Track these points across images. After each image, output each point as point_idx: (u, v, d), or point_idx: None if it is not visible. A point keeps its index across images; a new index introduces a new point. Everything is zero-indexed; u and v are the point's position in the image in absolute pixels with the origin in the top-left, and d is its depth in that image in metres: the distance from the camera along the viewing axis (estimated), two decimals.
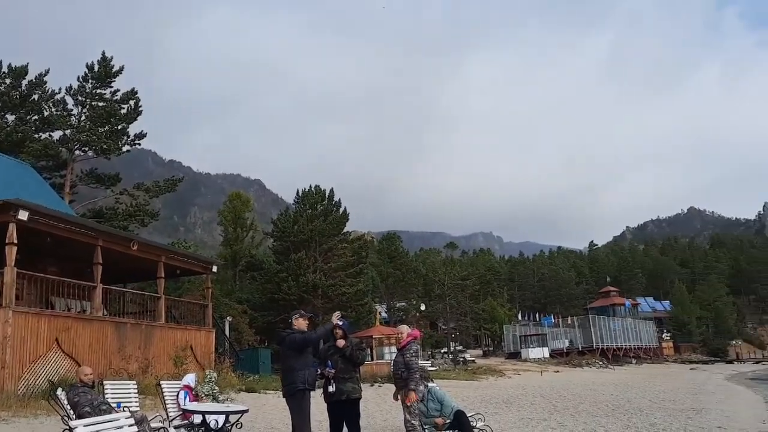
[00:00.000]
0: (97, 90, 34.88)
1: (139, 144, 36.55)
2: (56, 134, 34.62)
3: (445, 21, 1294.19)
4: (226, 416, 8.15)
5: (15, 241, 14.33)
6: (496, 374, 33.43)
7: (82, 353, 15.55)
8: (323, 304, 34.41)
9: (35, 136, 33.55)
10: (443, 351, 49.41)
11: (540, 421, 13.14)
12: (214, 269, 23.52)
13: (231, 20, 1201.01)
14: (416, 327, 30.85)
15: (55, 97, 34.89)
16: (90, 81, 34.74)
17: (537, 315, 74.91)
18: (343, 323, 7.97)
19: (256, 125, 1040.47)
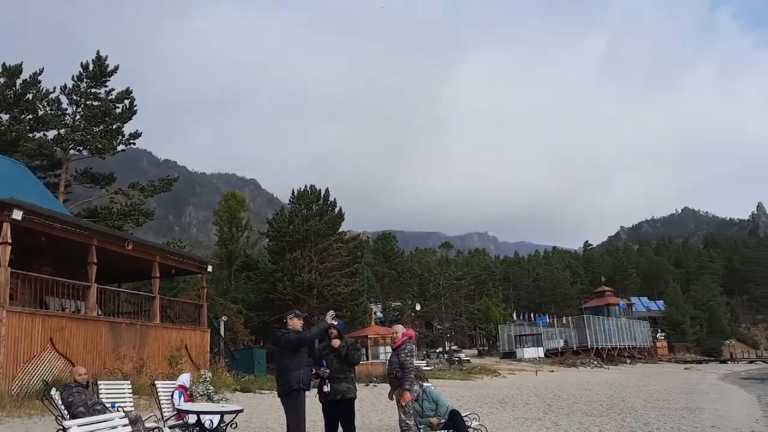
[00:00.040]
0: (91, 89, 34.73)
1: (134, 143, 36.45)
2: (51, 133, 34.50)
3: (443, 21, 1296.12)
4: (221, 416, 8.14)
5: (9, 240, 14.29)
6: (491, 374, 33.52)
7: (77, 353, 15.51)
8: (319, 304, 34.39)
9: (29, 135, 33.41)
10: (438, 351, 49.53)
11: (535, 421, 13.17)
12: (209, 269, 23.47)
13: (228, 20, 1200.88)
14: (411, 327, 30.95)
15: (50, 97, 34.72)
16: (85, 80, 34.61)
17: (532, 315, 75.20)
18: (338, 323, 7.96)
19: (251, 125, 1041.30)
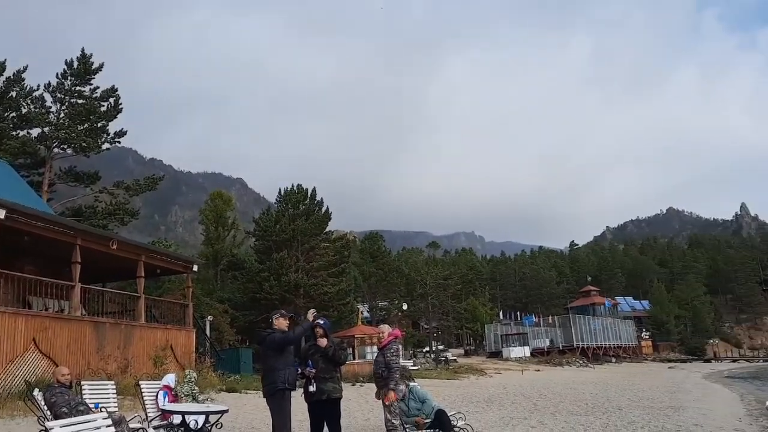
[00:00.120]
0: (76, 87, 34.45)
1: (119, 142, 36.22)
2: (34, 131, 34.16)
3: (432, 21, 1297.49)
4: (206, 416, 8.11)
5: None
6: (477, 373, 33.58)
7: (60, 353, 15.36)
8: (305, 303, 34.27)
9: (13, 133, 33.02)
10: (425, 350, 49.53)
11: (521, 420, 13.21)
12: (195, 268, 23.33)
13: (212, 19, 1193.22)
14: (398, 326, 30.93)
15: (34, 94, 34.34)
16: (69, 78, 34.31)
17: (518, 314, 75.42)
18: (324, 322, 7.94)
19: (238, 124, 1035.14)
